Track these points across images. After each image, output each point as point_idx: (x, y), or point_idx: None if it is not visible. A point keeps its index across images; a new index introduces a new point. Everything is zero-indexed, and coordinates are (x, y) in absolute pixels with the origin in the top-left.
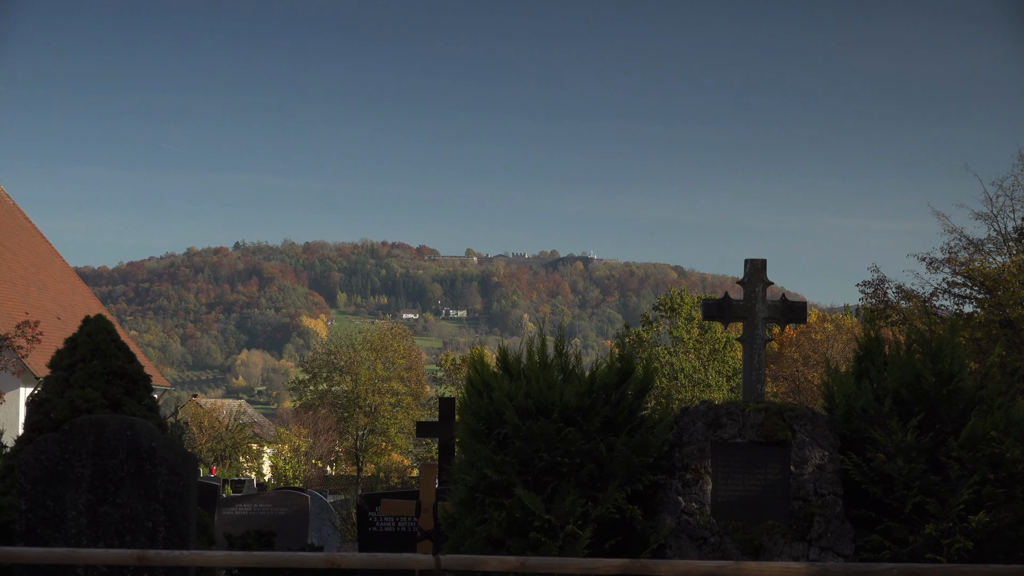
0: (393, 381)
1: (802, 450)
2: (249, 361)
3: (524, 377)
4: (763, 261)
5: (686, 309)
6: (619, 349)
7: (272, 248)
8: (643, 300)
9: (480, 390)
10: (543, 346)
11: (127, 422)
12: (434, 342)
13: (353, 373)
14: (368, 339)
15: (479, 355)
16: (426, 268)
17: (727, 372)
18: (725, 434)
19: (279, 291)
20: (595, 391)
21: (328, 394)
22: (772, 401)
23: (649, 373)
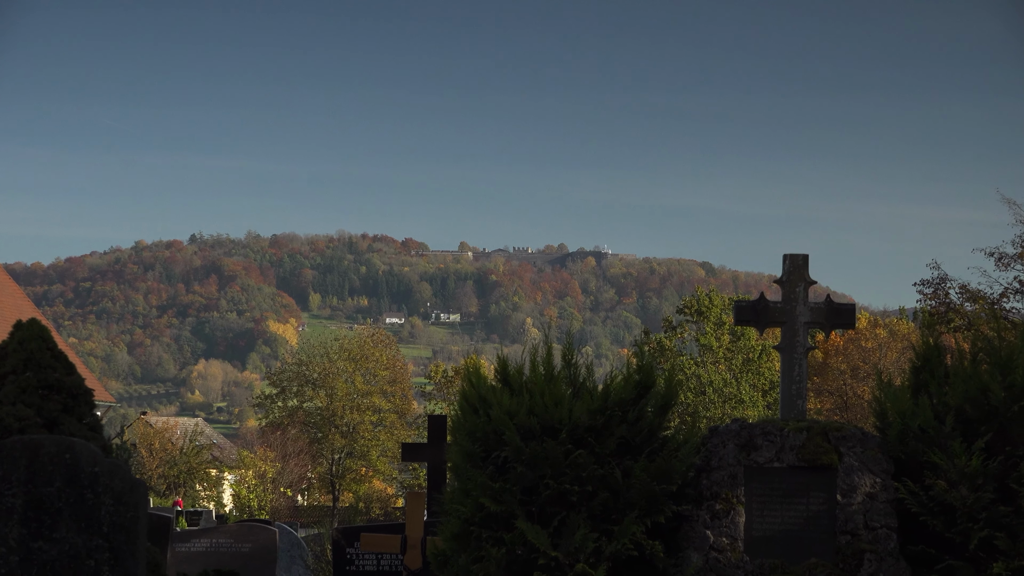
0: (375, 396)
1: (850, 476)
2: (207, 373)
3: (527, 391)
4: (805, 257)
5: (715, 312)
6: (637, 359)
7: (234, 242)
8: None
9: (476, 406)
10: (549, 355)
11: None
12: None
13: (328, 387)
14: (345, 347)
15: (474, 366)
16: (413, 265)
17: (763, 386)
18: (760, 458)
19: (242, 291)
20: (609, 408)
21: (299, 411)
22: (815, 419)
23: (672, 387)
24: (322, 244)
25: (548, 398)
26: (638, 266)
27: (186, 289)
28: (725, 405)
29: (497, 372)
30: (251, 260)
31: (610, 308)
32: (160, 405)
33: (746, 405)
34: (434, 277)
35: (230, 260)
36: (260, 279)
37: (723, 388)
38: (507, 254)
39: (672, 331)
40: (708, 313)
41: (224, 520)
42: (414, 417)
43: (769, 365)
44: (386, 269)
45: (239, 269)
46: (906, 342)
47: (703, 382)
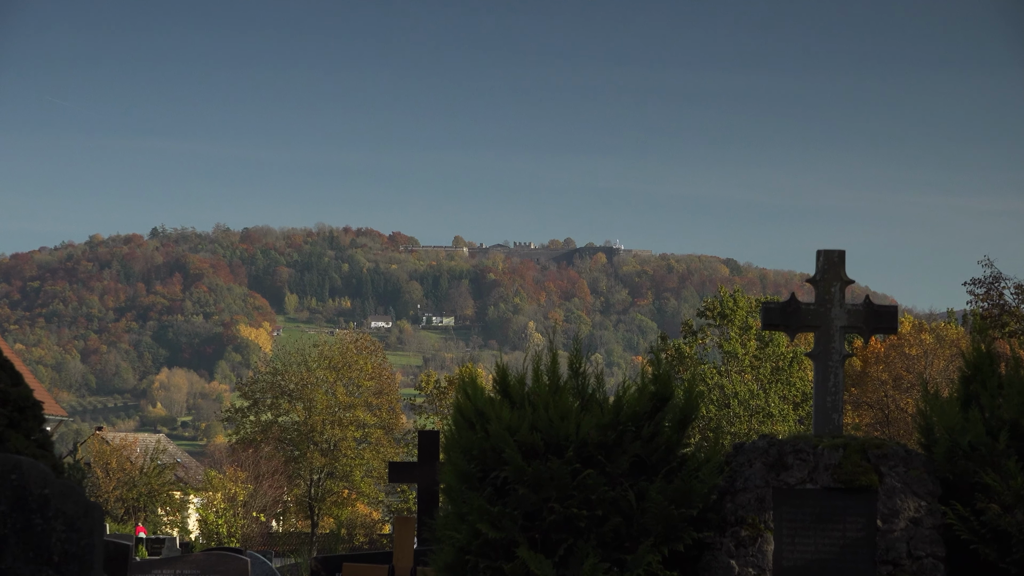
0: (358, 410)
1: (892, 499)
2: (170, 383)
3: (529, 404)
4: (841, 253)
5: (741, 315)
6: (653, 367)
7: (200, 236)
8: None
9: (472, 421)
10: (554, 363)
11: (11, 463)
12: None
13: (306, 399)
14: (326, 354)
15: (470, 375)
16: (402, 262)
17: (794, 398)
18: (791, 478)
19: (210, 292)
20: (622, 422)
21: (274, 427)
22: (853, 435)
23: (692, 399)
24: (299, 239)
25: (553, 412)
26: (654, 263)
27: (147, 289)
28: (752, 419)
29: (496, 382)
30: (220, 257)
31: (623, 310)
32: (118, 419)
33: (775, 419)
34: (425, 276)
35: (196, 257)
36: (230, 278)
37: (749, 400)
38: (507, 250)
39: (692, 336)
40: (732, 316)
41: (189, 549)
42: (403, 433)
43: (801, 374)
44: (371, 267)
45: (206, 267)
46: (955, 349)
47: (727, 393)
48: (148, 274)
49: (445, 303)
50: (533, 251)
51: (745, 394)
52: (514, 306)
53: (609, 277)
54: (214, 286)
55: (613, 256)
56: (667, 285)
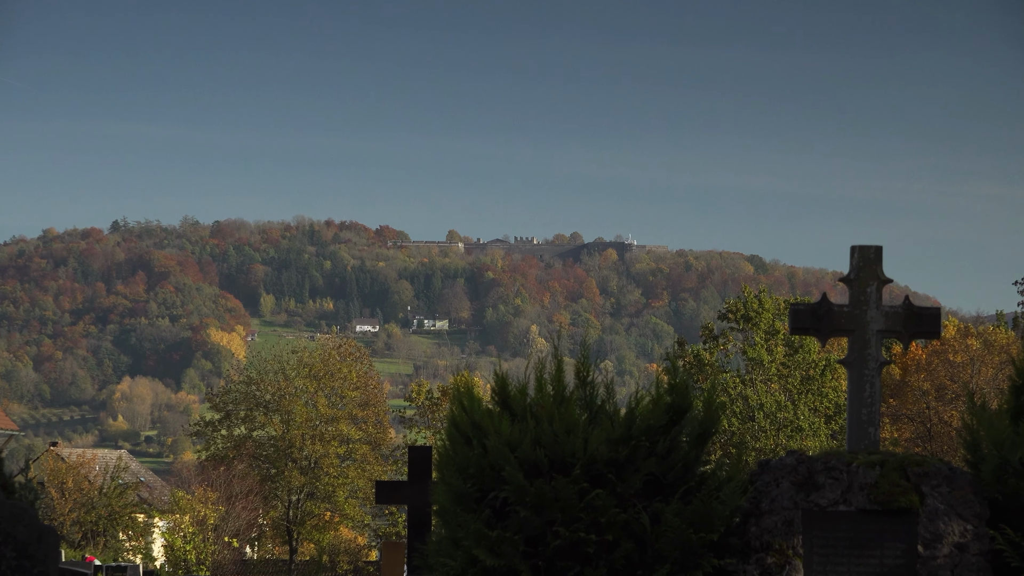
0: (342, 423)
1: (934, 522)
2: (133, 394)
3: (532, 417)
4: (877, 249)
5: (767, 318)
6: (669, 376)
7: (167, 230)
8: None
9: (468, 435)
10: (559, 371)
11: None
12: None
13: (284, 411)
14: (306, 362)
15: (466, 385)
16: (390, 259)
17: (826, 410)
18: (823, 499)
19: (177, 292)
20: (634, 437)
21: (248, 442)
22: (891, 451)
23: (713, 411)
24: (276, 233)
25: (558, 425)
26: (670, 260)
27: (107, 289)
28: (779, 434)
29: (495, 392)
30: (188, 253)
31: (635, 313)
32: (75, 434)
33: (805, 434)
34: (416, 274)
35: (162, 253)
36: (199, 277)
37: (776, 413)
38: (507, 246)
39: (713, 341)
40: (758, 319)
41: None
42: (391, 449)
43: (834, 384)
44: (356, 265)
45: (173, 264)
46: (1004, 355)
47: (751, 405)
48: (108, 272)
49: (438, 305)
50: (536, 247)
51: (771, 406)
52: (515, 308)
53: (620, 276)
54: (181, 286)
55: (625, 253)
56: (685, 285)
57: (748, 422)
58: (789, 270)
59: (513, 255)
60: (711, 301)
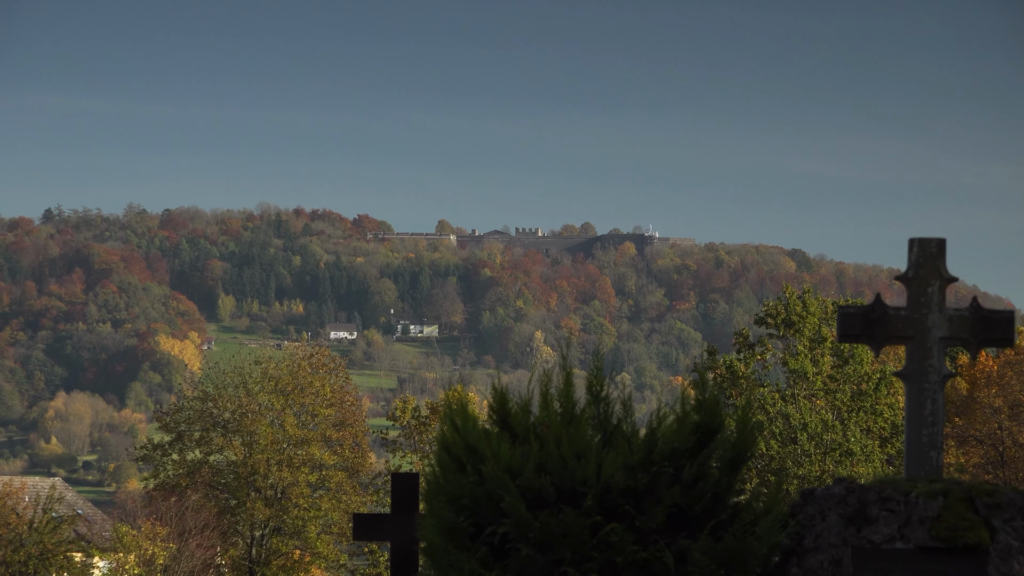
0: (313, 446)
1: (1007, 561)
2: (69, 412)
3: (536, 438)
4: (940, 243)
5: (811, 323)
6: (697, 391)
7: (108, 220)
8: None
9: (462, 460)
10: (568, 385)
11: None
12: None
13: (246, 432)
14: (271, 374)
15: (459, 401)
16: (370, 254)
17: (880, 431)
18: (877, 535)
19: (120, 293)
20: (656, 462)
21: (204, 468)
22: (956, 479)
23: (748, 432)
24: (237, 224)
25: (567, 448)
26: (698, 256)
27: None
28: (825, 459)
29: (492, 410)
30: (133, 247)
31: (657, 317)
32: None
33: (856, 459)
34: (400, 271)
35: (103, 247)
36: (146, 275)
37: (822, 434)
38: (507, 238)
39: (748, 350)
40: (801, 324)
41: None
42: (371, 476)
43: (890, 400)
44: (330, 260)
45: (115, 260)
46: None
47: (793, 425)
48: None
49: (426, 307)
50: (541, 240)
51: (817, 426)
52: (516, 311)
53: (639, 273)
54: (126, 285)
55: (645, 246)
56: (715, 284)
57: (789, 445)
58: (837, 267)
59: (514, 249)
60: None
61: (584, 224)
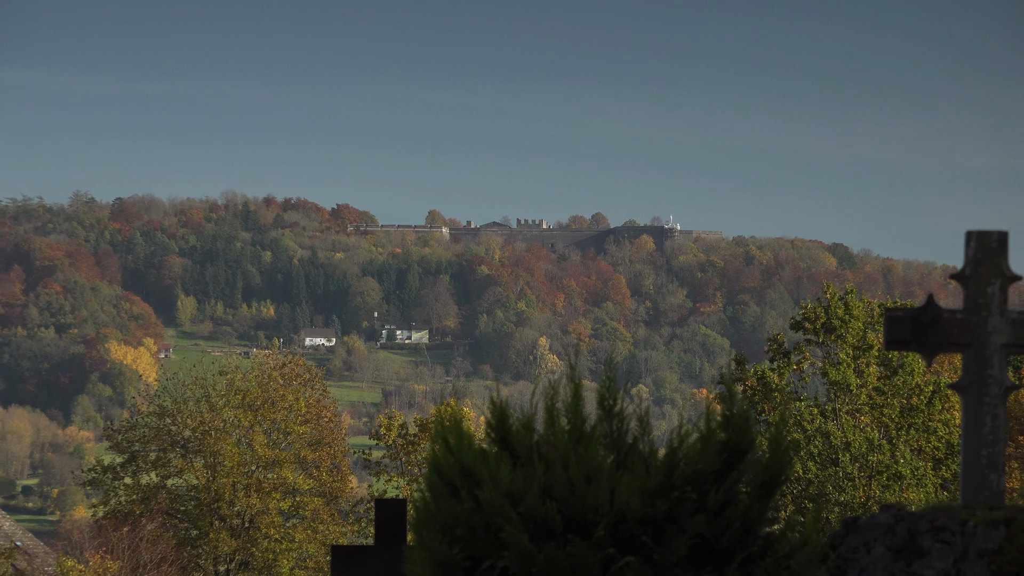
0: (286, 468)
1: None
2: (6, 429)
3: (541, 459)
4: (1001, 236)
5: (855, 327)
6: (724, 405)
7: (52, 211)
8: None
9: (455, 485)
10: (576, 399)
11: None
12: (367, 392)
13: (209, 453)
14: (238, 387)
15: (453, 417)
16: (351, 249)
17: (934, 451)
18: (929, 570)
19: (65, 293)
20: (678, 487)
21: (161, 493)
22: (1020, 506)
23: (782, 452)
24: (199, 215)
25: (575, 471)
26: (725, 251)
27: None
28: (871, 483)
29: (491, 427)
30: (80, 241)
31: (679, 320)
32: None
33: (905, 483)
34: (386, 269)
35: (45, 241)
36: (95, 273)
37: (867, 455)
38: (507, 231)
39: (783, 359)
40: (843, 330)
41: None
42: (352, 503)
43: (944, 416)
44: (306, 256)
45: (60, 256)
46: None
47: (834, 444)
48: None
49: (415, 310)
50: (546, 233)
51: (861, 445)
52: (517, 314)
53: (659, 271)
54: (72, 284)
55: (665, 240)
56: (745, 283)
57: (830, 467)
58: (884, 264)
59: (515, 244)
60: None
61: (595, 215)
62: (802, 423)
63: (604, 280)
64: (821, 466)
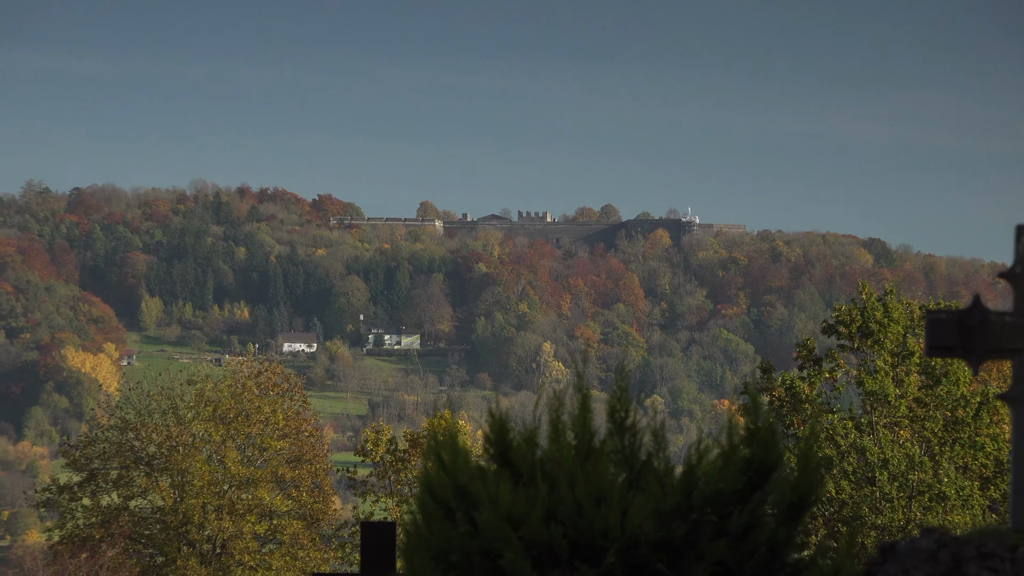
0: (262, 487)
1: None
2: None
3: (544, 478)
4: None
5: (894, 332)
6: (748, 418)
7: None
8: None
9: (450, 506)
10: (584, 410)
11: None
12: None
13: (176, 471)
14: (209, 397)
15: (447, 431)
16: (334, 245)
17: (981, 469)
18: None
19: (17, 294)
20: (696, 508)
21: (123, 516)
22: None
23: (812, 470)
24: (165, 207)
25: (583, 490)
26: (749, 247)
27: None
28: (911, 504)
29: (489, 442)
30: (33, 235)
31: (698, 324)
32: None
33: (950, 504)
34: (373, 267)
35: None
36: (50, 271)
37: (907, 473)
38: (507, 225)
39: (813, 366)
40: (880, 334)
41: None
42: (335, 526)
43: (992, 431)
44: (284, 252)
45: (11, 252)
46: None
47: (870, 462)
48: None
49: (405, 312)
50: (550, 227)
51: (900, 462)
52: (519, 317)
53: (676, 269)
54: (24, 284)
55: (683, 235)
56: (771, 282)
57: (865, 486)
58: (926, 261)
59: (516, 239)
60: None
61: (605, 207)
62: (835, 438)
63: (615, 279)
64: (856, 485)
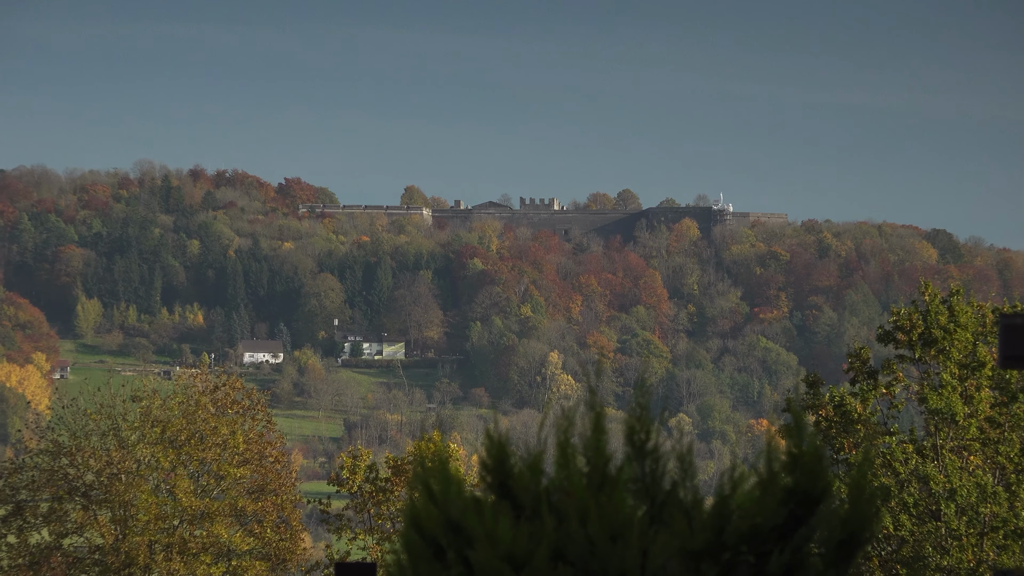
0: (219, 523)
1: None
2: None
3: (551, 511)
4: None
5: (962, 340)
6: (790, 441)
7: None
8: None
9: (440, 542)
10: (597, 432)
11: None
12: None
13: (118, 503)
14: (156, 416)
15: (437, 456)
16: (304, 237)
17: None
18: None
19: None
20: (729, 546)
21: (55, 555)
22: None
23: (866, 501)
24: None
25: (596, 526)
26: (792, 239)
27: None
28: (983, 542)
29: (486, 469)
30: None
31: (731, 330)
32: None
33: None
34: (349, 263)
35: None
36: None
37: (978, 505)
38: (508, 213)
39: (868, 380)
40: (946, 342)
41: None
42: (306, 567)
43: None
44: (245, 246)
45: None
46: None
47: (935, 492)
48: None
49: (388, 316)
50: (558, 216)
51: (970, 493)
52: (521, 321)
53: (705, 265)
54: None
55: (713, 225)
56: (817, 280)
57: (929, 522)
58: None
59: (517, 229)
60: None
61: (622, 193)
62: (893, 464)
63: (634, 277)
64: (918, 520)
